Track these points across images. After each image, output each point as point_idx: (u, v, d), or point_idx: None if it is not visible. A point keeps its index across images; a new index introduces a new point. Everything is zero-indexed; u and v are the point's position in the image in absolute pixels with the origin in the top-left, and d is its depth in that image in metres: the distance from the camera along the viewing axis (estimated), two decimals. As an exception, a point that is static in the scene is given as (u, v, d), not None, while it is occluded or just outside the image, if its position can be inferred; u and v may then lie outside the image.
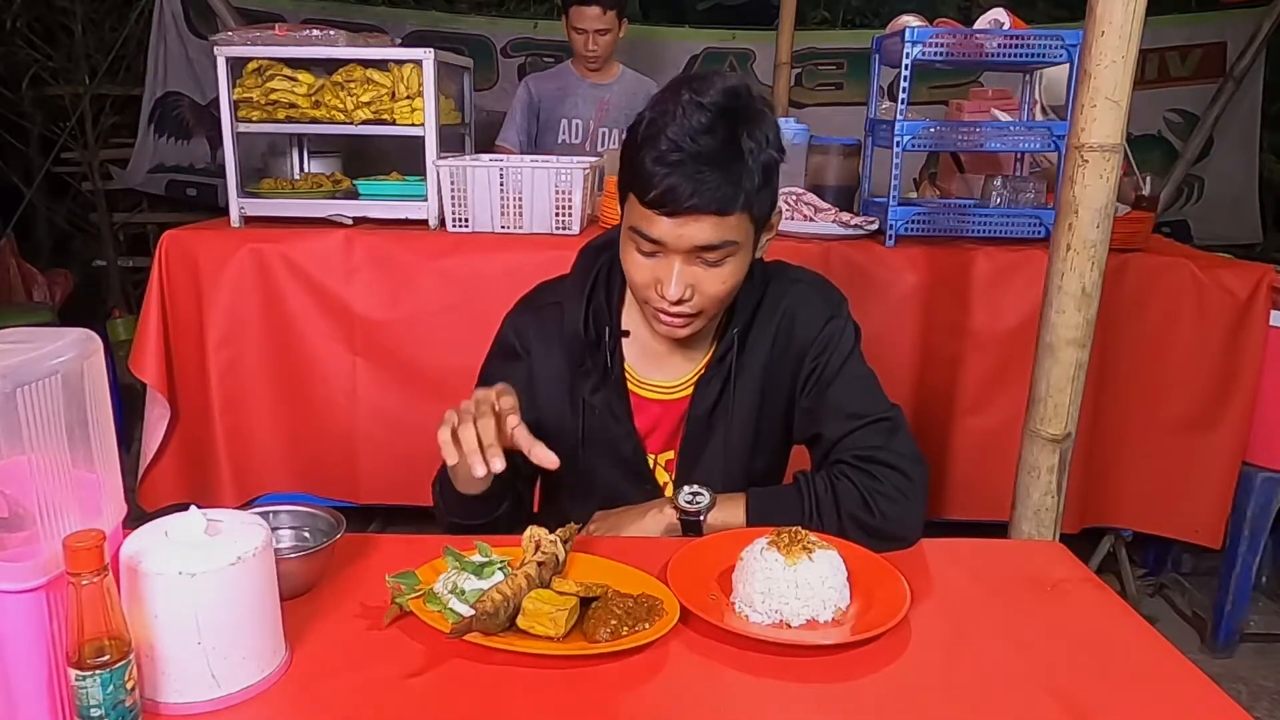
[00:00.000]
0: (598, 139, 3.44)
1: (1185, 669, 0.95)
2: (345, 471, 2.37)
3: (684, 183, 1.11)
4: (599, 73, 3.40)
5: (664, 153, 1.11)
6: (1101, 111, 1.51)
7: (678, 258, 1.16)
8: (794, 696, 0.88)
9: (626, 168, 1.18)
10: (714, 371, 1.32)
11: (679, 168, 1.11)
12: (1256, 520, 2.38)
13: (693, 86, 1.14)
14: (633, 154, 1.16)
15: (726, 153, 1.12)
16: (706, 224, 1.13)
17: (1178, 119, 5.34)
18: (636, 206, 1.16)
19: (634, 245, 1.20)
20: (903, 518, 1.21)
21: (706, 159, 1.11)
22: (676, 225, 1.14)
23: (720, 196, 1.12)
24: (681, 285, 1.17)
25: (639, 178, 1.14)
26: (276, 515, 1.11)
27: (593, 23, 3.21)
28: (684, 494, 1.26)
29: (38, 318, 3.89)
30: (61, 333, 0.81)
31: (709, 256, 1.17)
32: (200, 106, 5.03)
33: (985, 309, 2.34)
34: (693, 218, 1.13)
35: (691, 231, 1.14)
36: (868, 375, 1.33)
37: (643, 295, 1.23)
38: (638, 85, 3.46)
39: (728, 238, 1.15)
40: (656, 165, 1.11)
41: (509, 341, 1.37)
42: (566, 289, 1.35)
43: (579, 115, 3.42)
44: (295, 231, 2.34)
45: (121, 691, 0.74)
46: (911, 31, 2.26)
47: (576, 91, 3.41)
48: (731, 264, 1.19)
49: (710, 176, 1.11)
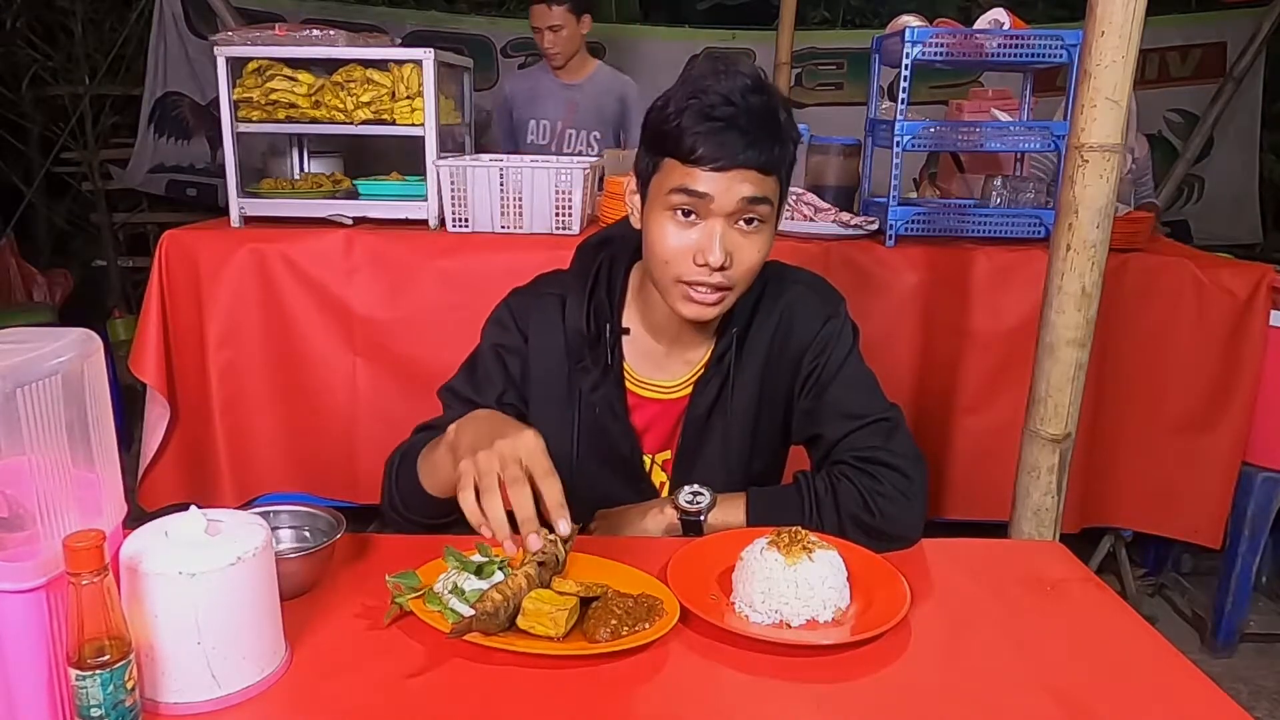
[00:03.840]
0: (564, 140, 3.41)
1: (1185, 669, 0.95)
2: (345, 471, 2.37)
3: (734, 135, 1.13)
4: (567, 72, 3.36)
5: (713, 106, 1.13)
6: (1101, 111, 1.51)
7: (719, 221, 1.16)
8: (794, 696, 0.88)
9: (663, 134, 1.17)
10: (713, 372, 1.32)
11: (732, 122, 1.13)
12: (1256, 520, 2.38)
13: (724, 60, 1.17)
14: (671, 117, 1.16)
15: (770, 115, 1.15)
16: (752, 179, 1.15)
17: (1178, 119, 5.35)
18: (678, 169, 1.16)
19: (671, 214, 1.18)
20: (903, 518, 1.21)
21: (754, 116, 1.14)
22: (726, 180, 1.14)
23: (767, 152, 1.14)
24: (723, 250, 1.16)
25: (684, 137, 1.14)
26: (276, 515, 1.11)
27: (544, 19, 3.19)
28: (684, 494, 1.26)
29: (38, 318, 3.89)
30: (61, 333, 0.81)
31: (752, 212, 1.17)
32: (200, 106, 5.04)
33: (985, 309, 2.34)
34: (740, 171, 1.14)
35: (739, 186, 1.15)
36: (867, 375, 1.33)
37: (675, 271, 1.19)
38: (612, 83, 3.41)
39: (768, 195, 1.17)
40: (705, 121, 1.13)
41: (507, 318, 1.34)
42: (568, 283, 1.34)
43: (546, 116, 3.39)
44: (295, 231, 2.34)
45: (121, 691, 0.74)
46: (911, 31, 2.26)
47: (546, 92, 3.38)
48: (764, 233, 1.20)
49: (759, 132, 1.14)
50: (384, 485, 1.26)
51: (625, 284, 1.34)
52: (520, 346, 1.33)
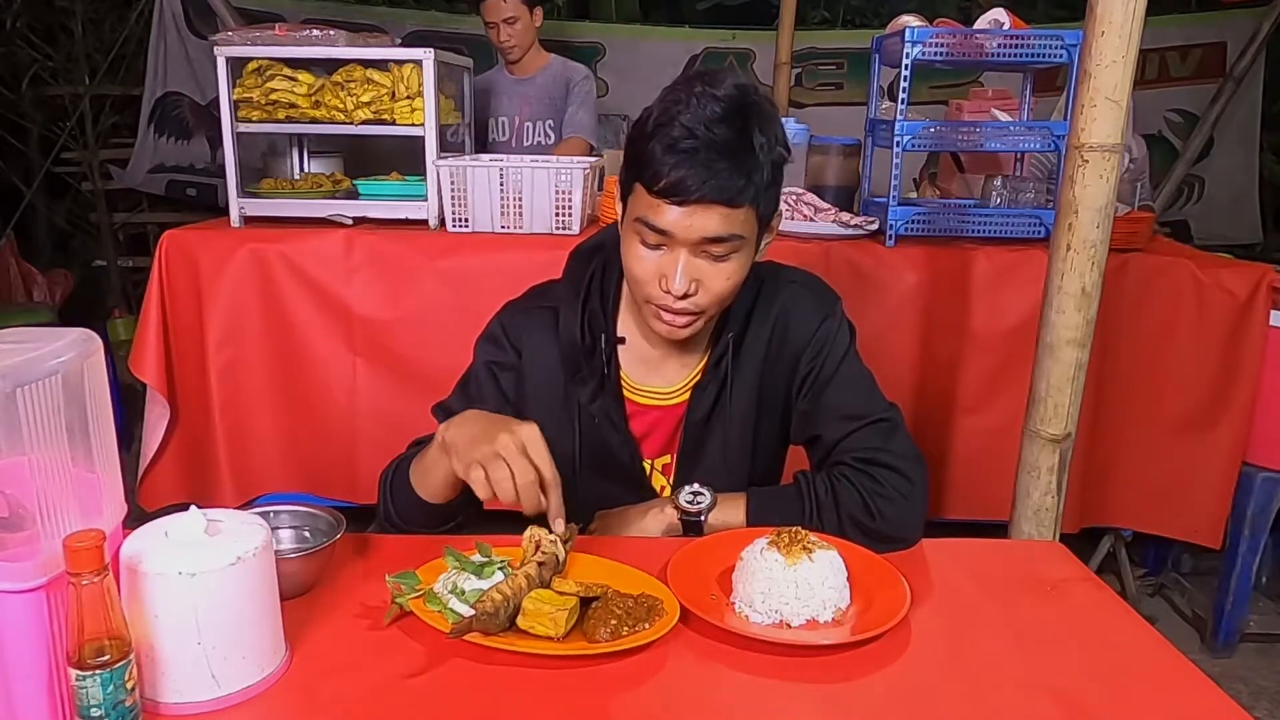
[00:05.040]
0: (524, 134, 3.43)
1: (1185, 669, 0.95)
2: (345, 471, 2.37)
3: (696, 171, 1.10)
4: (521, 67, 3.37)
5: (676, 140, 1.10)
6: (1101, 111, 1.51)
7: (684, 250, 1.15)
8: (794, 696, 0.88)
9: (635, 157, 1.16)
10: (710, 377, 1.31)
11: (692, 155, 1.10)
12: (1256, 520, 2.38)
13: (705, 79, 1.13)
14: (642, 143, 1.14)
15: (739, 145, 1.11)
16: (715, 215, 1.12)
17: (1178, 119, 5.35)
18: (644, 196, 1.15)
19: (639, 238, 1.17)
20: (903, 520, 1.21)
21: (719, 149, 1.10)
22: (685, 215, 1.12)
23: (731, 187, 1.11)
24: (687, 279, 1.15)
25: (649, 166, 1.12)
26: (276, 515, 1.11)
27: (498, 13, 3.19)
28: (684, 494, 1.25)
29: (38, 318, 3.89)
30: (61, 333, 0.81)
31: (715, 250, 1.15)
32: (200, 106, 5.03)
33: (985, 309, 2.34)
34: (702, 208, 1.12)
35: (700, 222, 1.12)
36: (864, 375, 1.33)
37: (644, 292, 1.20)
38: (563, 72, 3.42)
39: (735, 231, 1.14)
40: (668, 154, 1.10)
41: (499, 335, 1.34)
42: (560, 294, 1.33)
43: (504, 113, 3.41)
44: (295, 231, 2.34)
45: (121, 691, 0.74)
46: (911, 31, 2.26)
47: (501, 90, 3.40)
48: (736, 260, 1.18)
49: (722, 166, 1.10)
50: (379, 499, 1.26)
51: (619, 291, 1.33)
52: (514, 362, 1.32)
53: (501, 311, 1.37)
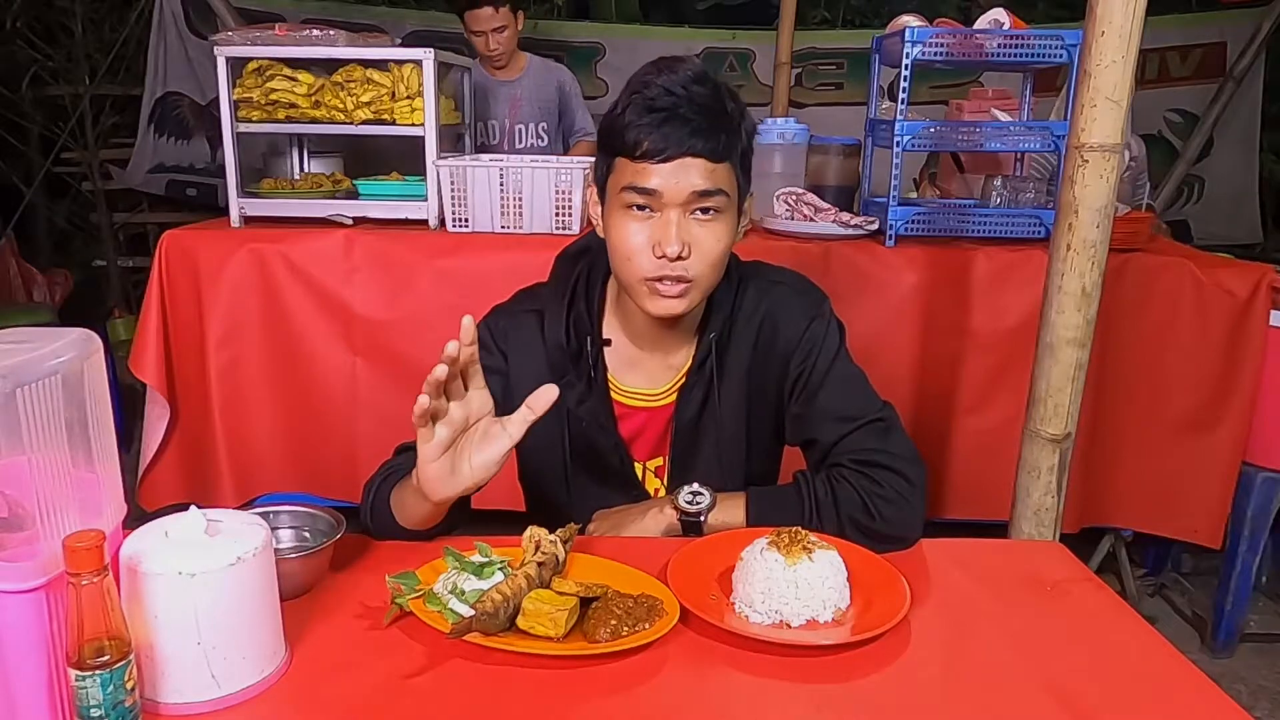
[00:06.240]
0: (515, 137, 3.45)
1: (1185, 669, 0.95)
2: (345, 471, 2.37)
3: (676, 126, 1.14)
4: (505, 70, 3.38)
5: (654, 99, 1.14)
6: (1101, 111, 1.51)
7: (674, 210, 1.17)
8: (794, 696, 0.88)
9: (612, 134, 1.19)
10: (695, 378, 1.31)
11: (672, 112, 1.14)
12: (1256, 520, 2.38)
13: (668, 60, 1.19)
14: (618, 118, 1.17)
15: (715, 103, 1.16)
16: (700, 168, 1.16)
17: (1178, 119, 5.35)
18: (628, 167, 1.17)
19: (627, 210, 1.19)
20: (903, 520, 1.21)
21: (697, 106, 1.15)
22: (672, 171, 1.15)
23: (713, 140, 1.15)
24: (679, 240, 1.16)
25: (629, 134, 1.16)
26: (276, 515, 1.11)
27: (488, 23, 3.19)
28: (684, 494, 1.25)
29: (38, 318, 3.89)
30: (61, 333, 0.81)
31: (704, 205, 1.17)
32: (200, 106, 5.04)
33: (985, 309, 2.34)
34: (687, 160, 1.15)
35: (686, 176, 1.15)
36: (856, 375, 1.31)
37: (637, 269, 1.19)
38: (547, 73, 3.45)
39: (720, 185, 1.17)
40: (649, 114, 1.14)
41: (486, 339, 1.32)
42: (545, 297, 1.33)
43: (494, 116, 3.41)
44: (295, 231, 2.35)
45: (121, 691, 0.74)
46: (911, 31, 2.26)
47: (487, 92, 3.39)
48: (723, 222, 1.20)
49: (701, 122, 1.15)
50: (360, 510, 1.22)
51: (604, 293, 1.33)
52: (501, 367, 1.32)
53: (488, 315, 1.36)
